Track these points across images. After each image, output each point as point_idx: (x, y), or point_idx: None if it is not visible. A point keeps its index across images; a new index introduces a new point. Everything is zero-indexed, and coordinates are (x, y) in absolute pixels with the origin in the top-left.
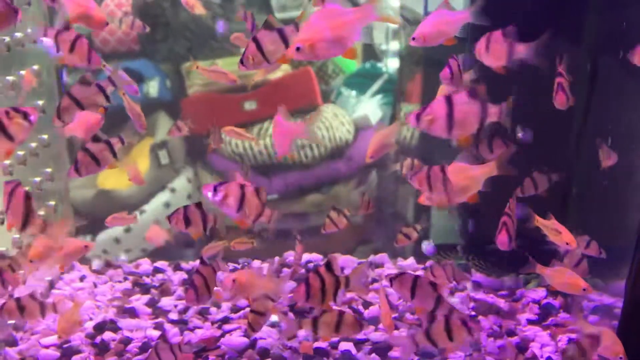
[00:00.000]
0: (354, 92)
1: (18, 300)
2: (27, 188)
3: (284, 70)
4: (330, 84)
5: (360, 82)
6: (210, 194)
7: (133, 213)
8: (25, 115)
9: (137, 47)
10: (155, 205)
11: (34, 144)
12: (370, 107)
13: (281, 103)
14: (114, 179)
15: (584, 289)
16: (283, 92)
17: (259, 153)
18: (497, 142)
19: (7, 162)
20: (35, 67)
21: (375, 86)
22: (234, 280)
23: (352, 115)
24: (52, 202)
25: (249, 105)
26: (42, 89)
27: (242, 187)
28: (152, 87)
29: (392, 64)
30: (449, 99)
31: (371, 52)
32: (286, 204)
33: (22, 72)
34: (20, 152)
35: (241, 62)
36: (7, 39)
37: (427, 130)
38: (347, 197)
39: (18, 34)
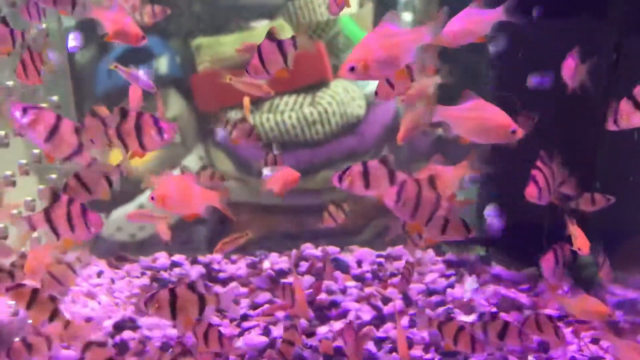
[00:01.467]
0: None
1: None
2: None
3: None
4: (342, 58)
5: None
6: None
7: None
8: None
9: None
10: None
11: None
12: None
13: (291, 78)
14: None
15: (609, 315)
16: (293, 67)
17: (270, 130)
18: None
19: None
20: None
21: None
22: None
23: (364, 90)
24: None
25: (260, 82)
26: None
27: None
28: (162, 64)
29: None
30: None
31: None
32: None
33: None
34: None
35: (246, 71)
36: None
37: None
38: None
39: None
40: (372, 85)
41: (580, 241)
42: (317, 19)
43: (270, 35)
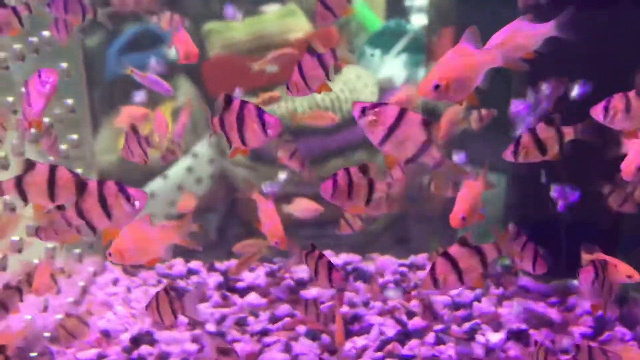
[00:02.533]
0: (378, 52)
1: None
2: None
3: (305, 30)
4: (354, 42)
5: (385, 40)
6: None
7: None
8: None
9: (155, 7)
10: (178, 170)
11: (58, 110)
12: (395, 67)
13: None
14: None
15: None
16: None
17: (281, 118)
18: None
19: (33, 130)
20: None
21: (400, 45)
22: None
23: (376, 76)
24: (80, 170)
25: (271, 68)
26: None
27: None
28: (171, 50)
29: (417, 21)
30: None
31: (396, 9)
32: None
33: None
34: (46, 119)
35: (287, 87)
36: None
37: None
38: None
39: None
40: (384, 72)
41: (624, 268)
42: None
43: (310, 50)
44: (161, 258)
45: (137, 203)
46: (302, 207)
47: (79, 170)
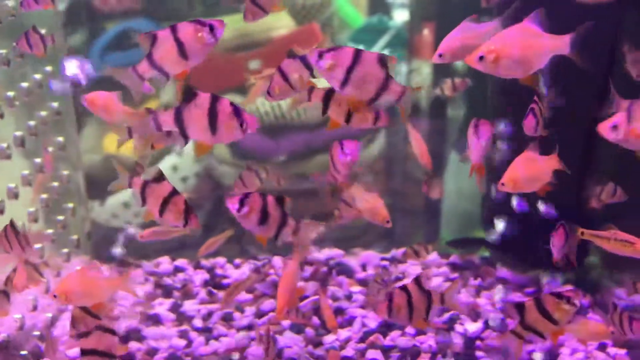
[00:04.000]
0: (361, 48)
1: None
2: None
3: (288, 27)
4: (336, 39)
5: (368, 37)
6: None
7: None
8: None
9: (137, 6)
10: (163, 168)
11: (44, 113)
12: None
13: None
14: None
15: (612, 332)
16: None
17: (266, 114)
18: None
19: (18, 133)
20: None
21: (383, 41)
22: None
23: None
24: (66, 172)
25: (254, 64)
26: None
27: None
28: None
29: (400, 17)
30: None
31: (379, 5)
32: (294, 165)
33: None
34: (32, 123)
35: (268, 93)
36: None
37: None
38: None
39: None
40: None
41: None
42: (312, 0)
43: (291, 54)
44: (103, 305)
45: (247, 129)
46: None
47: (65, 172)
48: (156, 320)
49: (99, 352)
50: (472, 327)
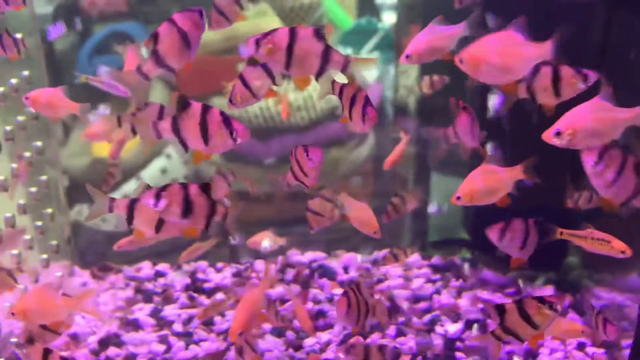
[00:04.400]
0: (349, 50)
1: None
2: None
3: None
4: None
5: (357, 39)
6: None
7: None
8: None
9: (125, 9)
10: (152, 171)
11: (21, 118)
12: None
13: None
14: (109, 147)
15: (583, 331)
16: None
17: (254, 116)
18: None
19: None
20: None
21: (372, 43)
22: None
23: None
24: (44, 177)
25: (242, 67)
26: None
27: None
28: (143, 51)
29: (388, 19)
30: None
31: (367, 7)
32: (283, 168)
33: None
34: (8, 128)
35: (230, 100)
36: None
37: None
38: (345, 159)
39: None
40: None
41: (618, 244)
42: (300, 2)
43: (252, 61)
44: (64, 322)
45: (238, 139)
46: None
47: (43, 178)
48: (136, 325)
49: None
50: (452, 328)
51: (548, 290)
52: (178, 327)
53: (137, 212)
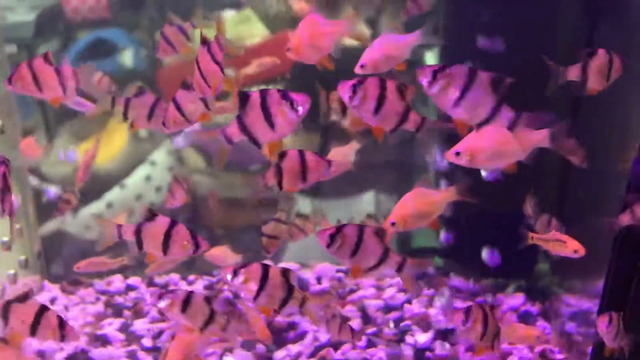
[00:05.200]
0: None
1: None
2: None
3: (261, 35)
4: None
5: None
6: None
7: (115, 258)
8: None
9: (109, 16)
10: (136, 179)
11: None
12: None
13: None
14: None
15: (538, 337)
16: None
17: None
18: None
19: None
20: None
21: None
22: None
23: None
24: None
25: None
26: None
27: None
28: (127, 58)
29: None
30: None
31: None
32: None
33: None
34: None
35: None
36: None
37: None
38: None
39: None
40: None
41: (572, 244)
42: (284, 9)
43: (185, 85)
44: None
45: (300, 108)
46: None
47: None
48: (104, 340)
49: None
50: (422, 338)
51: (518, 298)
52: (147, 342)
53: (145, 236)
